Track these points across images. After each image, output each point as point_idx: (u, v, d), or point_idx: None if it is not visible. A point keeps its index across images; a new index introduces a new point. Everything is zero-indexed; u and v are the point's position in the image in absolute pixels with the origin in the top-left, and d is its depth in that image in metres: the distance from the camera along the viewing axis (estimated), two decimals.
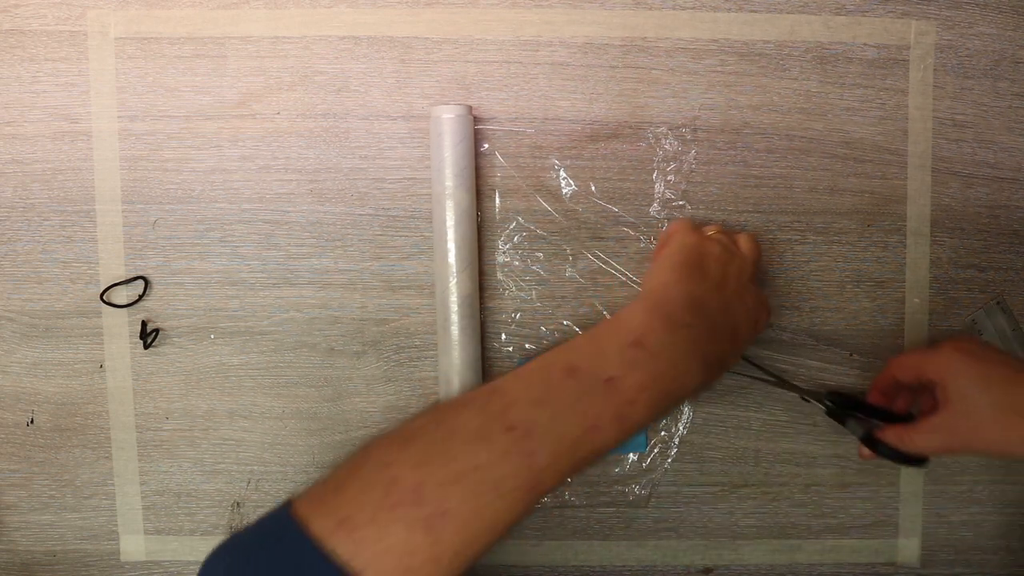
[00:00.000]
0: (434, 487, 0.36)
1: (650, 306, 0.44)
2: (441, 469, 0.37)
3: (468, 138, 0.55)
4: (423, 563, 0.35)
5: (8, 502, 0.60)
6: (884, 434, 0.52)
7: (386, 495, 0.36)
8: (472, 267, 0.56)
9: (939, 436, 0.49)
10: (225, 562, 0.37)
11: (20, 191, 0.59)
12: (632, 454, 0.60)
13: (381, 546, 0.35)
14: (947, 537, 0.61)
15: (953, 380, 0.49)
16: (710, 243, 0.50)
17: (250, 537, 0.38)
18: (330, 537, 0.35)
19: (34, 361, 0.59)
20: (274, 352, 0.59)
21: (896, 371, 0.54)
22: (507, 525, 0.38)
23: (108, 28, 0.58)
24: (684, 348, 0.43)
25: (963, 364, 0.49)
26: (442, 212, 0.55)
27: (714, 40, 0.59)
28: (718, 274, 0.49)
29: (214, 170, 0.59)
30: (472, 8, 0.58)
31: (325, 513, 0.36)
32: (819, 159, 0.59)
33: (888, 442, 0.52)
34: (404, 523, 0.35)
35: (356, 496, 0.36)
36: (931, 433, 0.50)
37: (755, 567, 0.61)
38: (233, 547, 0.38)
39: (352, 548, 0.34)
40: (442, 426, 0.39)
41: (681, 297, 0.45)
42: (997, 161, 0.60)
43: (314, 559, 0.34)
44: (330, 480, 0.38)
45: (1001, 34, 0.59)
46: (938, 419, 0.50)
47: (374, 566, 0.34)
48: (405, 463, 0.37)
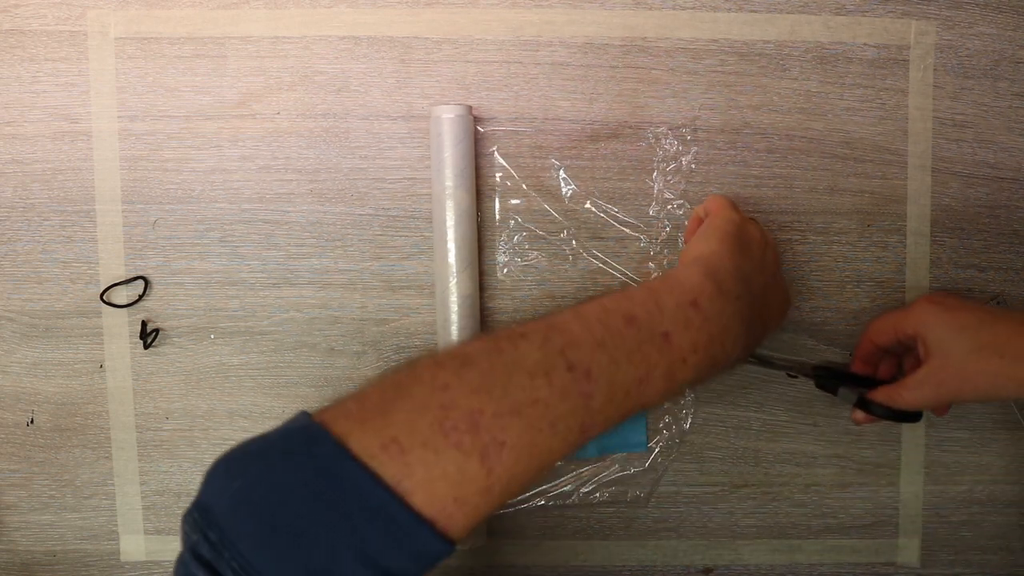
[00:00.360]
0: (492, 416, 0.35)
1: (706, 271, 0.44)
2: (501, 399, 0.35)
3: (468, 138, 0.55)
4: (475, 493, 0.34)
5: (8, 502, 0.60)
6: (875, 395, 0.53)
7: (441, 419, 0.34)
8: (472, 267, 0.56)
9: (927, 389, 0.50)
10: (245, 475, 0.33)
11: (20, 191, 0.59)
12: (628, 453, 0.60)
13: (435, 471, 0.33)
14: (947, 537, 0.61)
15: (930, 332, 0.50)
16: (751, 224, 0.51)
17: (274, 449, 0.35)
18: (375, 457, 0.33)
19: (34, 361, 0.59)
20: (274, 352, 0.59)
21: (874, 336, 0.55)
22: (553, 464, 0.37)
23: (108, 28, 0.58)
24: (733, 317, 0.42)
25: (937, 315, 0.50)
26: (442, 212, 0.55)
27: (714, 40, 0.59)
28: (759, 256, 0.49)
29: (214, 170, 0.59)
30: (472, 8, 0.58)
31: (368, 431, 0.34)
32: (819, 159, 0.59)
33: (879, 402, 0.52)
34: (460, 450, 0.34)
35: (407, 417, 0.34)
36: (919, 387, 0.50)
37: (755, 567, 0.61)
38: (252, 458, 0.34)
39: (401, 470, 0.33)
40: (502, 355, 0.37)
41: (733, 268, 0.45)
42: (997, 161, 0.60)
43: (358, 477, 0.32)
44: (370, 397, 0.36)
45: (1001, 34, 0.59)
46: (923, 372, 0.50)
47: (425, 490, 0.33)
48: (462, 388, 0.35)
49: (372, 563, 0.32)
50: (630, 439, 0.60)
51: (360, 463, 0.33)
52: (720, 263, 0.45)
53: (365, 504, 0.32)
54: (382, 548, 0.32)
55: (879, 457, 0.61)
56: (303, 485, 0.32)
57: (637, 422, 0.59)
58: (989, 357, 0.48)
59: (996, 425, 0.61)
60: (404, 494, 0.33)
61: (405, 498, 0.33)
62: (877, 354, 0.56)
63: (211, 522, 0.32)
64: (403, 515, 0.32)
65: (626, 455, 0.60)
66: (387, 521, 0.32)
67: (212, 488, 0.34)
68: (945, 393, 0.50)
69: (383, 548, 0.32)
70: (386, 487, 0.32)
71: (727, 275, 0.44)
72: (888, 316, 0.54)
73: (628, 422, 0.58)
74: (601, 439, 0.59)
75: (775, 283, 0.50)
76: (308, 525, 0.32)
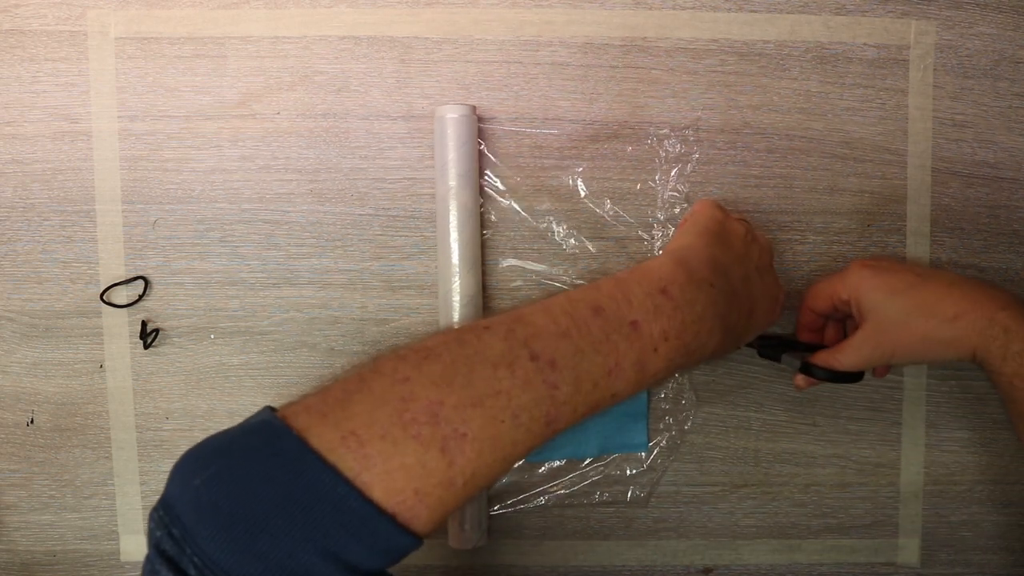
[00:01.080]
0: (453, 408, 0.34)
1: (677, 259, 0.44)
2: (462, 390, 0.35)
3: (472, 138, 0.55)
4: (437, 485, 0.34)
5: (8, 502, 0.60)
6: (815, 359, 0.53)
7: (401, 411, 0.34)
8: (475, 267, 0.56)
9: (864, 350, 0.51)
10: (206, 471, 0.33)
11: (20, 191, 0.59)
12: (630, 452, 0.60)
13: (393, 463, 0.33)
14: (947, 537, 0.61)
15: (864, 296, 0.51)
16: (735, 221, 0.51)
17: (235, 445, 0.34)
18: (334, 451, 0.33)
19: (34, 361, 0.59)
20: (274, 352, 0.59)
21: (812, 303, 0.55)
22: (520, 455, 0.37)
23: (108, 28, 0.58)
24: (707, 305, 0.42)
25: (870, 278, 0.51)
26: (446, 212, 0.55)
27: (714, 40, 0.59)
28: (741, 248, 0.49)
29: (214, 170, 0.59)
30: (472, 8, 0.58)
31: (328, 425, 0.34)
32: (819, 159, 0.59)
33: (819, 365, 0.52)
34: (419, 441, 0.34)
35: (366, 410, 0.34)
36: (856, 351, 0.51)
37: (755, 567, 0.61)
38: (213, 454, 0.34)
39: (360, 463, 0.33)
40: (464, 347, 0.37)
41: (707, 257, 0.45)
42: (997, 161, 0.60)
43: (317, 471, 0.32)
44: (331, 391, 0.36)
45: (1001, 34, 0.59)
46: (860, 335, 0.51)
47: (384, 483, 0.33)
48: (422, 380, 0.35)
49: (334, 557, 0.32)
50: (630, 439, 0.60)
51: (319, 457, 0.33)
52: (693, 253, 0.45)
53: (325, 498, 0.32)
54: (344, 542, 0.32)
55: (879, 457, 0.61)
56: (264, 480, 0.32)
57: (638, 422, 0.59)
58: (919, 320, 0.49)
59: (996, 425, 0.61)
60: (363, 487, 0.32)
61: (364, 491, 0.32)
62: (818, 321, 0.57)
63: (174, 518, 0.32)
64: (363, 508, 0.32)
65: (626, 455, 0.60)
66: (347, 514, 0.32)
67: (175, 484, 0.34)
68: (880, 355, 0.50)
69: (345, 542, 0.32)
70: (345, 480, 0.32)
71: (700, 264, 0.44)
72: (823, 283, 0.54)
73: (629, 422, 0.59)
74: (602, 439, 0.59)
75: (762, 278, 0.49)
76: (269, 520, 0.32)
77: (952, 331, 0.49)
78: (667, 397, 0.60)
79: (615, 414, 0.59)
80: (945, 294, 0.49)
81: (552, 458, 0.60)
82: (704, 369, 0.60)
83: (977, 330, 0.48)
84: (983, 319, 0.48)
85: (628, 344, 0.39)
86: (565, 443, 0.59)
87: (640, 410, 0.59)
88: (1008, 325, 0.48)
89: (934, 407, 0.60)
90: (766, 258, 0.51)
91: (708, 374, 0.60)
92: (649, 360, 0.40)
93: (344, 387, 0.36)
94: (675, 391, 0.60)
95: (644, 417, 0.60)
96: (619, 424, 0.59)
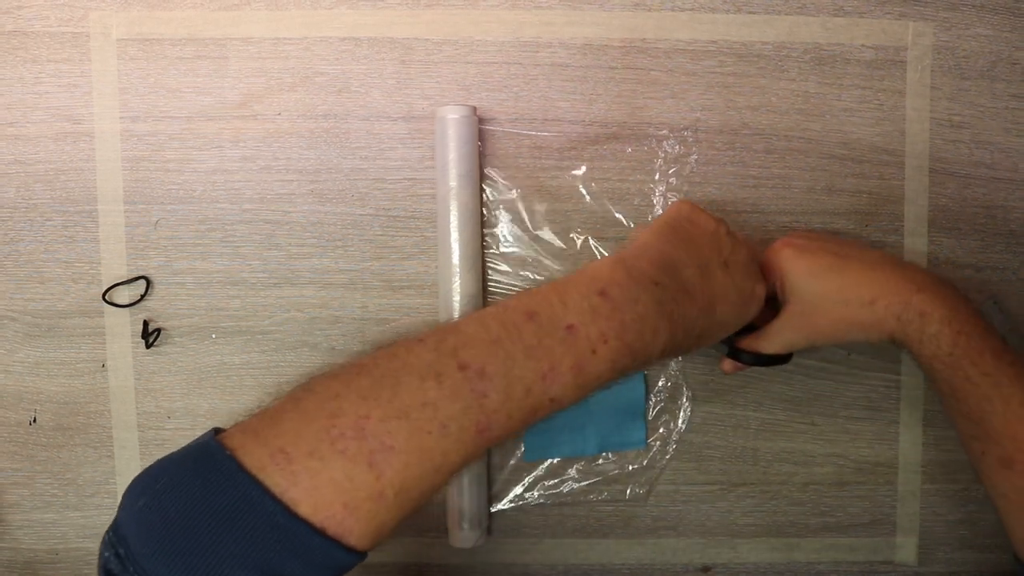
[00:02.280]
0: (379, 421, 0.35)
1: (618, 259, 0.43)
2: (388, 403, 0.35)
3: (473, 139, 0.56)
4: (366, 498, 0.34)
5: (11, 500, 0.61)
6: (740, 343, 0.53)
7: (328, 427, 0.35)
8: (476, 267, 0.56)
9: (785, 334, 0.50)
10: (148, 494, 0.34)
11: (23, 191, 0.59)
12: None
13: (320, 478, 0.34)
14: (944, 535, 0.62)
15: (786, 278, 0.51)
16: (705, 216, 0.48)
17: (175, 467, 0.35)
18: (264, 468, 0.33)
19: (36, 360, 0.60)
20: (275, 352, 0.60)
21: None
22: (456, 466, 0.37)
23: (110, 29, 0.58)
24: (649, 305, 0.41)
25: (791, 259, 0.51)
26: (446, 212, 0.55)
27: (712, 41, 0.59)
28: (705, 243, 0.47)
29: (215, 170, 0.59)
30: (472, 9, 0.59)
31: (259, 443, 0.35)
32: (817, 160, 0.60)
33: (745, 349, 0.52)
34: (345, 456, 0.34)
35: (295, 427, 0.35)
36: (779, 334, 0.51)
37: (753, 565, 0.62)
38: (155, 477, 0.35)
39: (287, 479, 0.33)
40: (394, 360, 0.37)
41: (654, 254, 0.44)
42: (994, 162, 0.60)
43: (248, 489, 0.33)
44: (267, 412, 0.37)
45: (998, 35, 0.59)
46: (783, 317, 0.51)
47: (311, 498, 0.33)
48: (350, 395, 0.36)
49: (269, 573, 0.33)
50: (629, 437, 0.60)
51: (250, 475, 0.33)
52: (641, 251, 0.44)
53: (254, 515, 0.33)
54: (277, 558, 0.33)
55: (877, 456, 0.61)
56: (198, 500, 0.33)
57: (636, 420, 0.60)
58: (837, 304, 0.49)
59: None
60: (290, 503, 0.33)
61: (291, 507, 0.33)
62: None
63: (121, 539, 0.33)
64: (290, 523, 0.33)
65: (624, 452, 0.60)
66: (276, 530, 0.33)
67: (123, 507, 0.35)
68: (802, 338, 0.50)
69: (278, 559, 0.33)
70: (272, 497, 0.33)
71: (645, 262, 0.43)
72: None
73: (627, 420, 0.59)
74: (600, 437, 0.60)
75: (730, 274, 0.47)
76: (204, 540, 0.32)
77: (870, 315, 0.49)
78: (664, 396, 0.60)
79: (613, 412, 0.60)
80: (862, 277, 0.49)
81: (551, 456, 0.60)
82: (703, 368, 0.60)
83: (893, 314, 0.48)
84: (899, 303, 0.48)
85: (564, 348, 0.39)
86: (563, 441, 0.60)
87: (638, 408, 0.60)
88: (923, 308, 0.48)
89: (932, 406, 0.61)
90: (740, 254, 0.48)
91: (707, 373, 0.60)
92: (588, 363, 0.39)
93: (279, 406, 0.37)
94: (671, 389, 0.60)
95: (642, 415, 0.60)
96: (617, 422, 0.60)
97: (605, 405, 0.59)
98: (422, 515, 0.60)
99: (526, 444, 0.60)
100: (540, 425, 0.59)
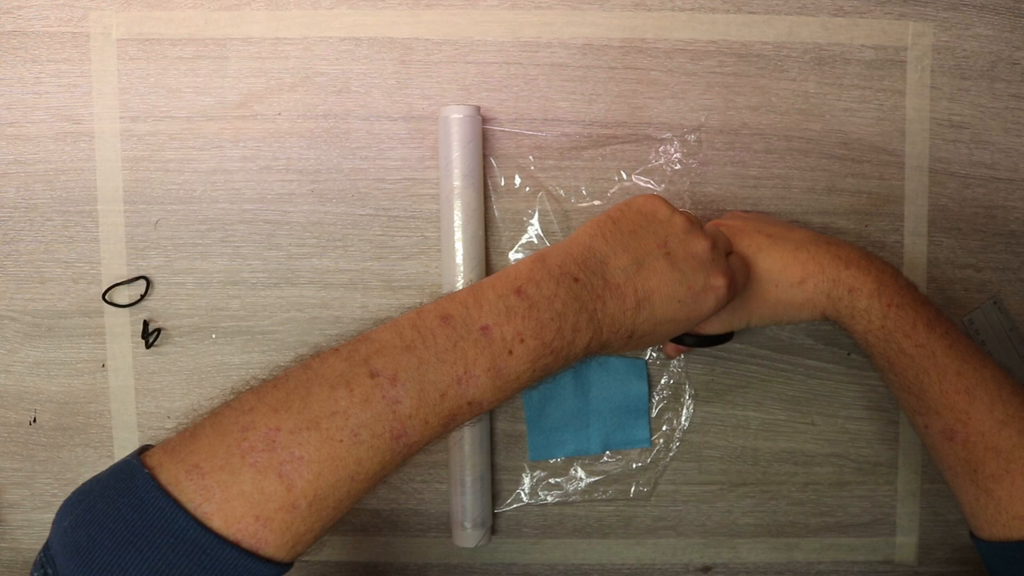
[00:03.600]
0: (289, 432, 0.35)
1: (537, 256, 0.42)
2: (298, 414, 0.36)
3: (476, 138, 0.56)
4: (279, 509, 0.34)
5: (11, 500, 0.61)
6: None
7: (240, 440, 0.35)
8: (479, 267, 0.56)
9: (724, 316, 0.50)
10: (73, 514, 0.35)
11: (23, 191, 0.59)
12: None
13: (231, 491, 0.34)
14: (944, 535, 0.62)
15: None
16: (662, 207, 0.45)
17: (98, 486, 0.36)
18: (179, 484, 0.34)
19: (36, 360, 0.60)
20: (275, 352, 0.60)
21: None
22: (372, 474, 0.37)
23: (110, 29, 0.58)
24: (569, 302, 0.40)
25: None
26: (450, 212, 0.55)
27: (712, 41, 0.59)
28: (648, 235, 0.44)
29: (215, 170, 0.59)
30: (472, 10, 0.59)
31: (176, 460, 0.35)
32: (817, 160, 0.60)
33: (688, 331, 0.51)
34: (256, 468, 0.34)
35: (209, 442, 0.35)
36: (717, 316, 0.50)
37: (753, 565, 0.62)
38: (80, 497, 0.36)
39: (201, 494, 0.34)
40: (307, 371, 0.38)
41: (577, 250, 0.42)
42: (994, 162, 0.60)
43: (163, 506, 0.33)
44: (187, 429, 0.37)
45: (998, 35, 0.59)
46: None
47: (223, 512, 0.34)
48: (263, 408, 0.36)
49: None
50: (633, 435, 0.60)
51: (165, 491, 0.34)
52: (564, 246, 0.43)
53: (168, 531, 0.33)
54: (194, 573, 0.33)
55: (877, 456, 0.61)
56: (117, 518, 0.34)
57: (639, 418, 0.60)
58: (768, 286, 0.49)
59: None
60: (203, 517, 0.33)
61: (204, 521, 0.33)
62: None
63: (49, 559, 0.34)
64: (203, 538, 0.33)
65: (627, 451, 0.60)
66: (192, 546, 0.33)
67: (53, 527, 0.36)
68: (739, 320, 0.50)
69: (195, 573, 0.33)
70: (185, 512, 0.33)
71: (566, 258, 0.42)
72: None
73: (630, 418, 0.60)
74: (604, 435, 0.60)
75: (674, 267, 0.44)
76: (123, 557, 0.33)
77: (801, 294, 0.49)
78: (667, 394, 0.60)
79: (617, 411, 0.60)
80: (791, 258, 0.49)
81: (555, 456, 0.60)
82: (703, 368, 0.60)
83: (823, 292, 0.48)
84: (827, 280, 0.48)
85: (478, 350, 0.38)
86: (567, 440, 0.60)
87: (641, 406, 0.60)
88: (852, 284, 0.48)
89: None
90: (695, 246, 0.45)
91: (707, 373, 0.60)
92: (505, 364, 0.39)
93: (199, 422, 0.37)
94: (674, 387, 0.60)
95: (645, 413, 0.60)
96: (620, 420, 0.60)
97: (608, 404, 0.60)
98: (423, 515, 0.60)
99: (530, 443, 0.60)
100: (544, 424, 0.59)
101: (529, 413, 0.60)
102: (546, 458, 0.60)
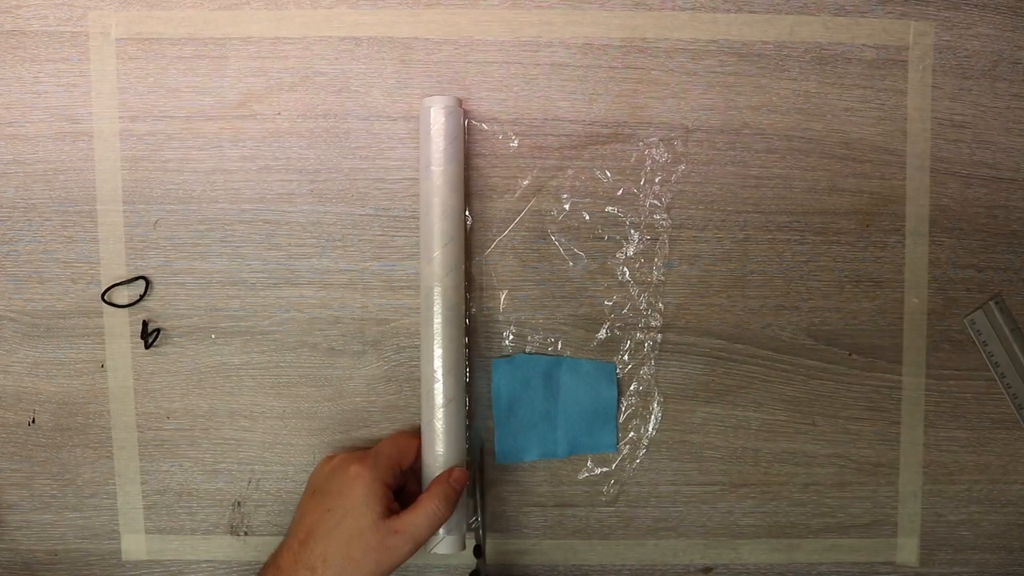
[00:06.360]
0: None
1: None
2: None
3: (457, 131, 0.55)
4: None
5: (9, 501, 0.60)
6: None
7: None
8: (457, 269, 0.55)
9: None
10: None
11: (21, 191, 0.59)
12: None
13: None
14: (946, 536, 0.61)
15: None
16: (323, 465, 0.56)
17: None
18: None
19: (35, 361, 0.60)
20: (275, 352, 0.59)
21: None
22: None
23: (109, 29, 0.58)
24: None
25: None
26: (429, 208, 0.55)
27: (713, 41, 0.59)
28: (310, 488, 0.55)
29: (215, 170, 0.59)
30: (472, 9, 0.58)
31: None
32: (818, 159, 0.59)
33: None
34: None
35: None
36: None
37: (754, 566, 0.61)
38: None
39: None
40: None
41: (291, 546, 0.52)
42: (995, 161, 0.60)
43: None
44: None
45: (999, 35, 0.59)
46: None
47: None
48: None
49: None
50: (600, 440, 0.60)
51: None
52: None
53: None
54: None
55: (878, 457, 0.61)
56: None
57: (607, 423, 0.60)
58: None
59: (995, 425, 0.61)
60: None
61: None
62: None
63: None
64: None
65: (595, 455, 0.60)
66: None
67: None
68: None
69: None
70: None
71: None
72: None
73: (597, 423, 0.60)
74: (571, 439, 0.60)
75: (318, 502, 0.53)
76: None
77: None
78: (635, 400, 0.60)
79: (584, 415, 0.60)
80: None
81: (522, 459, 0.60)
82: (702, 368, 0.60)
83: None
84: None
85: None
86: (534, 444, 0.60)
87: (609, 412, 0.60)
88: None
89: (933, 407, 0.61)
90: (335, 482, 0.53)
91: (707, 374, 0.60)
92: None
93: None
94: (643, 393, 0.60)
95: (613, 419, 0.60)
96: (587, 425, 0.60)
97: (577, 407, 0.60)
98: None
99: (497, 447, 0.60)
100: (511, 428, 0.59)
101: (498, 415, 0.59)
102: (512, 461, 0.60)
